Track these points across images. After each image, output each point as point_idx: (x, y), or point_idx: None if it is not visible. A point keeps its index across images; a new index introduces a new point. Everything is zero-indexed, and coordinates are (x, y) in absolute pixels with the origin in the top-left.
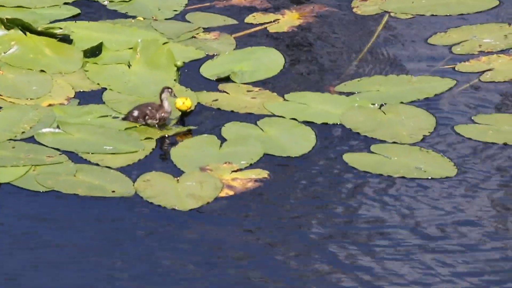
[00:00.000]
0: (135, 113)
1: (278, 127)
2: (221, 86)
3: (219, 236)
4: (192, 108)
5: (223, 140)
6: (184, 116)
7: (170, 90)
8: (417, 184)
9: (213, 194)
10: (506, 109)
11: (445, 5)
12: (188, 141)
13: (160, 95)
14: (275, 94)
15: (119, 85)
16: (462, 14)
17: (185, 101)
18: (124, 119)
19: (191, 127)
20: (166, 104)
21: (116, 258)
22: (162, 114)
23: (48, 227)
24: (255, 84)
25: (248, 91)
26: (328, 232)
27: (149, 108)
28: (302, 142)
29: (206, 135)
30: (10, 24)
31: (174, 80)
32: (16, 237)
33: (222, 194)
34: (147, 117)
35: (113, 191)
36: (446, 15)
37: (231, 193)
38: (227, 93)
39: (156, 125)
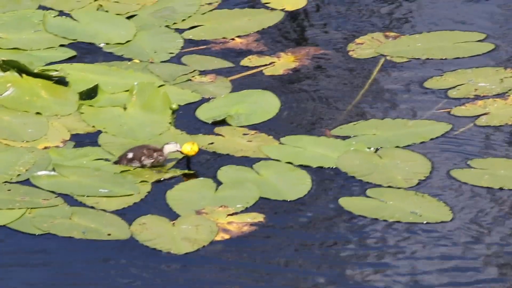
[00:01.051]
0: (130, 155)
1: (274, 170)
2: (217, 129)
3: (215, 280)
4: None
5: (219, 183)
6: (180, 159)
7: (177, 146)
8: (413, 228)
9: (209, 238)
10: (502, 154)
11: (440, 48)
12: (183, 184)
13: (165, 144)
14: (271, 137)
15: (115, 128)
16: (457, 58)
17: (192, 146)
18: (116, 162)
19: (187, 172)
20: (166, 150)
21: None
22: (160, 157)
23: (43, 270)
24: (251, 127)
25: (244, 134)
26: (324, 276)
27: (146, 149)
28: (298, 186)
29: (201, 178)
30: (6, 66)
31: (169, 123)
32: (12, 280)
33: (218, 238)
34: (143, 157)
35: (109, 234)
36: (442, 59)
37: (226, 236)
38: (222, 136)
39: (151, 164)
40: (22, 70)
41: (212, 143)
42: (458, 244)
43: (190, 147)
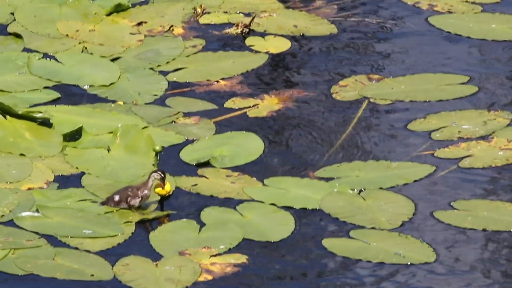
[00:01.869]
0: (116, 197)
1: (257, 212)
2: (200, 171)
3: None
4: (171, 192)
5: (202, 224)
6: (163, 200)
7: (161, 174)
8: (397, 270)
9: (192, 279)
10: (485, 195)
11: (424, 91)
12: (167, 226)
13: (150, 175)
14: (254, 179)
15: (98, 169)
16: (441, 100)
17: (165, 185)
18: (103, 203)
19: (170, 212)
20: (150, 183)
21: None
22: (145, 192)
23: None
24: (235, 168)
25: (227, 176)
26: None
27: (129, 189)
28: (281, 227)
29: (185, 219)
30: None
31: (153, 165)
32: None
33: (201, 279)
34: (129, 198)
35: (92, 275)
36: (425, 101)
37: (209, 277)
38: (206, 177)
39: (138, 203)
40: (6, 111)
41: (195, 185)
42: (442, 285)
43: (161, 187)
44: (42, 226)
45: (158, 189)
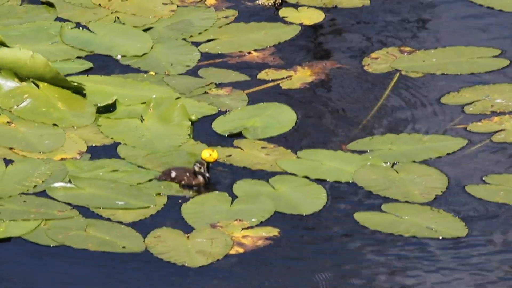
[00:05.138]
0: (173, 174)
1: (289, 185)
2: (236, 142)
3: None
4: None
5: (234, 197)
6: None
7: (203, 164)
8: (428, 244)
9: (223, 251)
10: None
11: (456, 64)
12: (199, 198)
13: (193, 167)
14: (289, 151)
15: (133, 140)
16: (473, 74)
17: (211, 153)
18: (159, 178)
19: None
20: (200, 178)
21: None
22: (195, 183)
23: (57, 282)
24: (270, 140)
25: (262, 147)
26: None
27: (187, 174)
28: (314, 200)
29: (217, 192)
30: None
31: (189, 135)
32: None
33: (232, 252)
34: (183, 182)
35: (124, 247)
36: (457, 74)
37: (241, 250)
38: (241, 149)
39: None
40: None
41: (230, 155)
42: (473, 260)
43: (209, 154)
44: (74, 197)
45: (205, 156)
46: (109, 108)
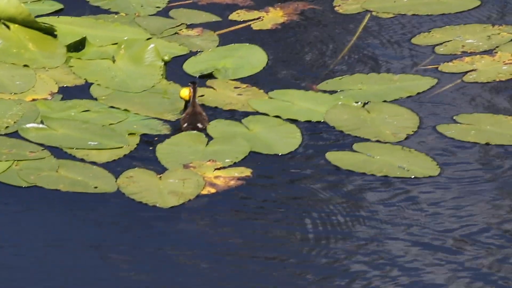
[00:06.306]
0: (199, 126)
1: (263, 125)
2: (209, 82)
3: (200, 233)
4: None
5: (210, 138)
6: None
7: (193, 85)
8: (400, 183)
9: (195, 192)
10: (488, 110)
11: (427, 4)
12: (174, 138)
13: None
14: (262, 91)
15: (106, 80)
16: (443, 14)
17: (189, 91)
18: (184, 129)
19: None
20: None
21: (95, 257)
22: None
23: (28, 222)
24: (243, 80)
25: (235, 87)
26: (310, 231)
27: (200, 116)
28: (289, 140)
29: (194, 132)
30: None
31: (161, 75)
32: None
33: (204, 192)
34: (199, 124)
35: (96, 187)
36: (428, 15)
37: (213, 190)
38: (214, 89)
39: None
40: (10, 19)
41: (202, 95)
42: (445, 198)
43: (187, 92)
44: (47, 138)
45: (184, 94)
46: (80, 49)
